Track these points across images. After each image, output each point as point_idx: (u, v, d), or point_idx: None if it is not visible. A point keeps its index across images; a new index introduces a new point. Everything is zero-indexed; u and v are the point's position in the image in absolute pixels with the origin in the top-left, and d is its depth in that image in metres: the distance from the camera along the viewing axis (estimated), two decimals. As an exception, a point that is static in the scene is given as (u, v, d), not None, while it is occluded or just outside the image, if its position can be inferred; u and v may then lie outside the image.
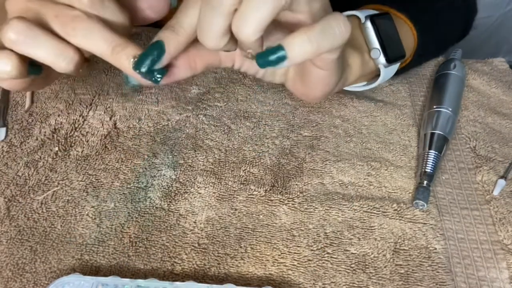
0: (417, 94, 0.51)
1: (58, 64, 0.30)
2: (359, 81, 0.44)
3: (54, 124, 0.44)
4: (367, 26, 0.41)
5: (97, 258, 0.34)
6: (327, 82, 0.35)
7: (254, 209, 0.38)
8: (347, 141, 0.45)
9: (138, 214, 0.37)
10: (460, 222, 0.38)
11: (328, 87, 0.36)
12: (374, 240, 0.37)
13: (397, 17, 0.45)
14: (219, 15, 0.27)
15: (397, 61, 0.43)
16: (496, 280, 0.34)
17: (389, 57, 0.41)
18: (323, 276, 0.34)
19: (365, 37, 0.41)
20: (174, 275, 0.34)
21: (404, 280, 0.34)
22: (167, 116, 0.46)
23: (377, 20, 0.41)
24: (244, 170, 0.41)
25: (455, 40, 0.54)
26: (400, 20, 0.46)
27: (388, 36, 0.42)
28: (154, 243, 0.35)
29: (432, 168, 0.40)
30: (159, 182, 0.40)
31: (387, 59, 0.41)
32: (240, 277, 0.34)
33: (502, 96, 0.51)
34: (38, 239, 0.35)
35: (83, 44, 0.30)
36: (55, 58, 0.29)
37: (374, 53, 0.41)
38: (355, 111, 0.48)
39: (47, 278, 0.33)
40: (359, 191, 0.40)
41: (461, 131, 0.46)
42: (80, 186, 0.39)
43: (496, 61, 0.55)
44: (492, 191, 0.41)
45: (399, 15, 0.46)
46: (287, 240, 0.36)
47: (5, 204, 0.37)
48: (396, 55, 0.43)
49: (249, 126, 0.45)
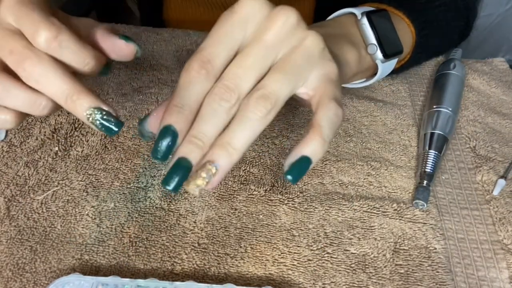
0: (417, 94, 0.51)
1: (33, 112, 0.28)
2: (357, 77, 0.44)
3: (54, 124, 0.44)
4: (363, 23, 0.42)
5: (97, 258, 0.34)
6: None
7: (254, 209, 0.38)
8: (347, 141, 0.45)
9: (138, 214, 0.37)
10: (460, 222, 0.38)
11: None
12: (374, 240, 0.37)
13: (394, 15, 0.46)
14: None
15: (394, 56, 0.44)
16: (496, 280, 0.35)
17: (386, 52, 0.42)
18: (323, 276, 0.34)
19: (362, 33, 0.42)
20: (174, 275, 0.34)
21: (404, 280, 0.34)
22: (167, 116, 0.46)
23: (373, 16, 0.42)
24: (244, 170, 0.41)
25: (455, 40, 0.54)
26: (397, 18, 0.46)
27: (384, 32, 0.42)
28: (154, 243, 0.35)
29: (432, 168, 0.40)
30: (159, 182, 0.40)
31: (384, 54, 0.42)
32: (240, 277, 0.34)
33: (502, 96, 0.51)
34: (38, 239, 0.35)
35: (36, 87, 0.27)
36: (29, 108, 0.28)
37: (371, 48, 0.41)
38: (355, 111, 0.48)
39: (47, 278, 0.33)
40: (359, 191, 0.40)
41: (461, 131, 0.46)
42: (80, 186, 0.39)
43: (496, 61, 0.55)
44: (492, 191, 0.41)
45: (396, 13, 0.46)
46: (287, 240, 0.36)
47: (5, 204, 0.37)
48: (393, 50, 0.43)
49: (249, 126, 0.45)
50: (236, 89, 0.27)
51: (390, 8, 0.46)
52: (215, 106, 0.27)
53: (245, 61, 0.27)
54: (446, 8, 0.50)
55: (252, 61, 0.27)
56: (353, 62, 0.40)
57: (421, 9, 0.48)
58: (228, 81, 0.27)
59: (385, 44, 0.42)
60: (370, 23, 0.41)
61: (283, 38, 0.28)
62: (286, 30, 0.28)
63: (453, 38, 0.53)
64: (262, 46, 0.27)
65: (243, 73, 0.27)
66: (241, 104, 0.27)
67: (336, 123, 0.28)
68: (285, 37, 0.28)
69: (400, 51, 0.44)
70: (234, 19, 0.28)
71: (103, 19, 0.60)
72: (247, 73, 0.27)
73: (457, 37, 0.54)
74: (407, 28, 0.46)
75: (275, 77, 0.27)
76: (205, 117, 0.27)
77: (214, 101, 0.27)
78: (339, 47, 0.38)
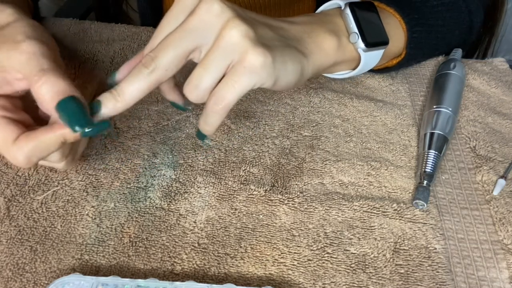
0: (417, 94, 0.51)
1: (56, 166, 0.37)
2: (340, 67, 0.44)
3: (54, 124, 0.44)
4: (346, 12, 0.42)
5: (97, 258, 0.34)
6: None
7: (254, 209, 0.38)
8: (347, 141, 0.45)
9: (138, 214, 0.37)
10: (460, 222, 0.38)
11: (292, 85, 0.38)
12: (374, 240, 0.37)
13: (385, 11, 0.47)
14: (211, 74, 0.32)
15: (378, 47, 0.44)
16: (496, 280, 0.35)
17: (367, 40, 0.42)
18: (323, 276, 0.34)
19: (345, 23, 0.43)
20: (174, 275, 0.34)
21: (404, 280, 0.34)
22: (167, 116, 0.46)
23: (355, 7, 0.43)
24: (244, 170, 0.41)
25: (458, 42, 0.54)
26: (388, 14, 0.47)
27: (367, 22, 0.43)
28: (154, 243, 0.35)
29: (432, 168, 0.40)
30: (159, 182, 0.40)
31: (366, 43, 0.42)
32: (240, 277, 0.34)
33: (502, 96, 0.51)
34: (38, 239, 0.35)
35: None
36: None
37: (352, 37, 0.42)
38: (355, 111, 0.48)
39: (47, 278, 0.33)
40: (359, 191, 0.40)
41: (461, 131, 0.46)
42: (80, 186, 0.39)
43: (496, 61, 0.55)
44: (492, 191, 0.41)
45: (387, 9, 0.47)
46: (287, 240, 0.36)
47: (5, 204, 0.37)
48: (376, 40, 0.43)
49: (249, 126, 0.45)
50: (155, 59, 0.32)
51: (382, 5, 0.47)
52: (137, 71, 0.32)
53: (165, 40, 0.33)
54: (446, 8, 0.50)
55: (171, 39, 0.32)
56: (330, 50, 0.41)
57: (414, 7, 0.48)
58: (152, 53, 0.32)
59: (366, 32, 0.42)
60: (352, 12, 0.42)
61: (202, 23, 0.32)
62: (208, 17, 0.32)
63: (454, 39, 0.53)
64: (180, 29, 0.32)
65: (160, 48, 0.32)
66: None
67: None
68: (205, 23, 0.32)
69: (385, 42, 0.44)
70: (173, 9, 0.34)
71: (103, 19, 0.60)
72: (165, 49, 0.32)
73: (460, 40, 0.54)
74: (398, 24, 0.47)
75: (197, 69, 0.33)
76: (129, 78, 0.32)
77: (137, 66, 0.32)
78: (315, 34, 0.39)
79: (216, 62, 0.32)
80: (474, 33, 0.55)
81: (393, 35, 0.45)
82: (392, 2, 0.47)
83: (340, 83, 0.51)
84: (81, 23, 0.57)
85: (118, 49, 0.53)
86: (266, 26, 0.35)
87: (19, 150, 0.31)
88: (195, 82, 0.33)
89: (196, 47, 0.33)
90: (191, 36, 0.32)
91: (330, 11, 0.44)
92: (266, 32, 0.34)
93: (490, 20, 0.60)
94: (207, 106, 0.33)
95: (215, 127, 0.34)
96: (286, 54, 0.35)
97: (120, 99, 0.32)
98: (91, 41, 0.54)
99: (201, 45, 0.33)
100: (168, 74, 0.33)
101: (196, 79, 0.32)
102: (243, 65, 0.32)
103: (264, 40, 0.33)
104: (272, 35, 0.35)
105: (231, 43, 0.32)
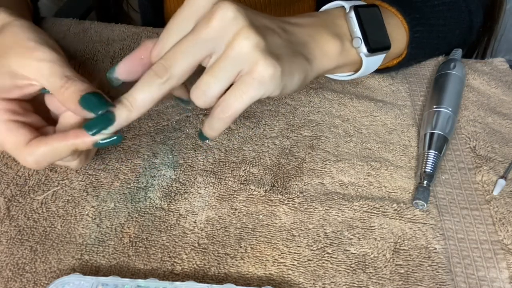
0: (417, 94, 0.51)
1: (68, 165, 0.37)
2: (342, 70, 0.44)
3: (54, 124, 0.44)
4: (350, 16, 0.42)
5: (97, 258, 0.34)
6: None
7: (254, 209, 0.38)
8: (347, 141, 0.45)
9: (138, 214, 0.37)
10: (460, 222, 0.38)
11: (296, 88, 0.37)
12: (374, 240, 0.37)
13: (388, 11, 0.46)
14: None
15: (380, 52, 0.44)
16: (496, 280, 0.35)
17: (370, 46, 0.42)
18: (323, 276, 0.34)
19: (349, 26, 0.42)
20: (174, 275, 0.34)
21: (404, 280, 0.34)
22: (167, 116, 0.46)
23: (360, 10, 0.42)
24: (244, 170, 0.41)
25: (458, 42, 0.54)
26: (391, 14, 0.46)
27: (371, 26, 0.42)
28: (154, 243, 0.35)
29: (432, 168, 0.40)
30: (159, 182, 0.40)
31: (369, 48, 0.42)
32: (240, 277, 0.34)
33: (502, 96, 0.51)
34: (38, 239, 0.35)
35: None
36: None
37: (356, 41, 0.42)
38: (355, 111, 0.48)
39: (47, 278, 0.33)
40: (359, 191, 0.40)
41: (461, 131, 0.46)
42: (80, 186, 0.39)
43: (496, 61, 0.55)
44: (492, 191, 0.41)
45: (390, 9, 0.47)
46: (287, 240, 0.36)
47: (5, 204, 0.37)
48: (379, 45, 0.43)
49: (249, 126, 0.45)
50: (168, 68, 0.32)
51: (384, 5, 0.46)
52: (149, 80, 0.32)
53: (178, 48, 0.32)
54: (446, 7, 0.50)
55: (184, 47, 0.32)
56: (333, 54, 0.40)
57: (415, 7, 0.48)
58: (164, 61, 0.32)
59: (370, 38, 0.42)
60: (357, 16, 0.42)
61: (216, 33, 0.32)
62: (222, 25, 0.32)
63: (454, 39, 0.53)
64: (194, 37, 0.32)
65: (174, 57, 0.32)
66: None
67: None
68: (219, 32, 0.32)
69: (387, 47, 0.44)
70: (183, 10, 0.33)
71: (103, 19, 0.60)
72: (179, 58, 0.32)
73: (460, 39, 0.54)
74: (400, 24, 0.46)
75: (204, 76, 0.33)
76: (139, 85, 0.32)
77: (149, 73, 0.32)
78: (318, 37, 0.39)
79: (226, 70, 0.32)
80: (474, 33, 0.55)
81: (395, 35, 0.45)
82: (393, 1, 0.47)
83: (340, 83, 0.51)
84: (81, 23, 0.57)
85: (118, 49, 0.53)
86: (275, 32, 0.35)
87: (30, 155, 0.32)
88: (203, 88, 0.32)
89: (208, 55, 0.33)
90: (205, 45, 0.32)
91: (334, 11, 0.43)
92: (275, 40, 0.34)
93: (489, 20, 0.60)
94: (214, 113, 0.33)
95: (219, 133, 0.34)
96: (293, 65, 0.35)
97: (133, 109, 0.32)
98: (91, 41, 0.54)
99: (213, 52, 0.33)
100: (180, 82, 0.33)
101: (204, 85, 0.32)
102: (252, 76, 0.32)
103: (274, 49, 0.33)
104: (281, 42, 0.35)
105: (242, 53, 0.32)
